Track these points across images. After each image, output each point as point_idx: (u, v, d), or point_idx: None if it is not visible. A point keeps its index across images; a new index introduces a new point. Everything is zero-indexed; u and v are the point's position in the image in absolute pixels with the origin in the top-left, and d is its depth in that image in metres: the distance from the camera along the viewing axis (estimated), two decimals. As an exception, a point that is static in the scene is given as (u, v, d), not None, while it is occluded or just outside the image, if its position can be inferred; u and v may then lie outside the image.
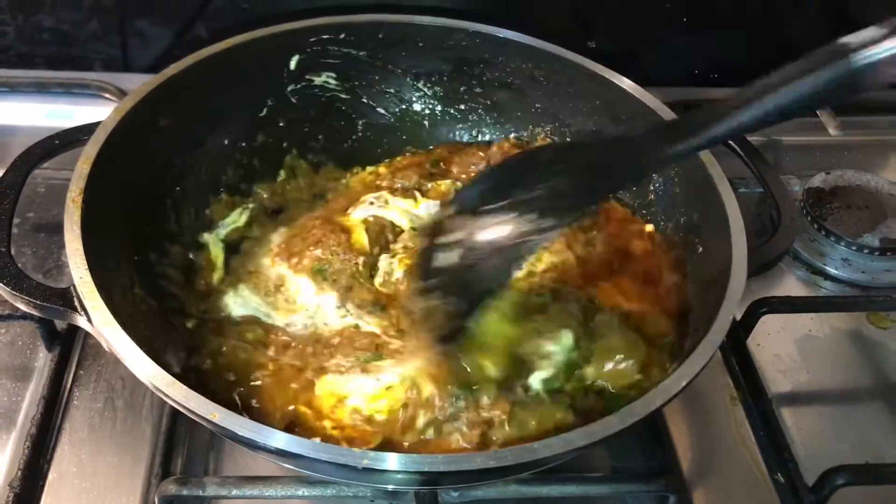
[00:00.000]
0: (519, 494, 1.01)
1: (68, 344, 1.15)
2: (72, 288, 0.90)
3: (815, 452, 1.14)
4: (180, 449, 1.07)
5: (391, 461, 0.78)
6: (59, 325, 1.16)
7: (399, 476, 0.79)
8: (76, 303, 0.89)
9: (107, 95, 1.49)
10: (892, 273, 1.38)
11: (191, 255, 1.18)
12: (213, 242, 1.20)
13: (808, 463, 1.10)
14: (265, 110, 1.29)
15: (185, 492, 0.97)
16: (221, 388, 1.01)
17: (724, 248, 1.01)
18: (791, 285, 1.39)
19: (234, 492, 0.98)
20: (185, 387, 0.82)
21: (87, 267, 0.90)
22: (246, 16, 1.51)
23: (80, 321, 0.89)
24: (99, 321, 0.86)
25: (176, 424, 1.08)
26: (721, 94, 1.57)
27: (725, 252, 1.00)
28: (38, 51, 1.57)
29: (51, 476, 1.03)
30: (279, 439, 0.79)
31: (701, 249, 1.10)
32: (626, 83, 1.21)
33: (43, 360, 1.14)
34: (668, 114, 1.17)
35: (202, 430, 1.08)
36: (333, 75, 1.31)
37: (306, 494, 0.98)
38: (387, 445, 0.96)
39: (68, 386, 1.12)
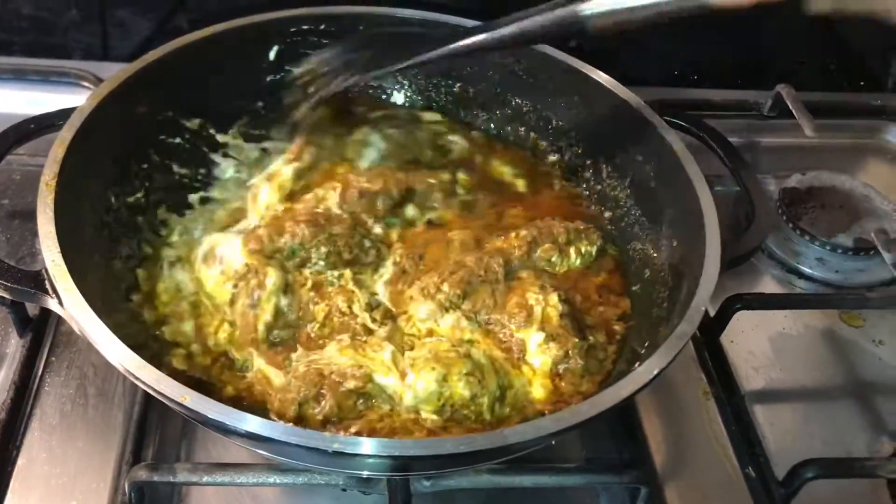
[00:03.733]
0: (492, 484, 1.01)
1: (40, 330, 1.14)
2: (43, 271, 0.89)
3: (787, 447, 1.14)
4: (152, 437, 1.06)
5: (362, 445, 0.78)
6: (32, 310, 1.15)
7: (369, 461, 0.79)
8: (48, 285, 0.88)
9: (85, 84, 1.48)
10: (865, 273, 1.39)
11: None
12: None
13: (779, 458, 1.11)
14: (243, 99, 1.29)
15: (155, 478, 0.96)
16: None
17: (698, 241, 1.01)
18: (766, 284, 1.40)
19: (206, 478, 0.97)
20: (155, 370, 0.81)
21: (59, 250, 0.89)
22: (228, 6, 1.49)
23: (52, 304, 0.89)
24: (70, 304, 0.86)
25: (148, 412, 1.07)
26: (699, 94, 1.65)
27: (699, 245, 1.00)
28: (16, 38, 1.56)
29: (20, 462, 1.02)
30: (249, 422, 0.78)
31: (675, 244, 1.10)
32: (603, 78, 1.22)
33: (14, 346, 1.13)
34: (645, 108, 1.18)
35: (174, 418, 1.08)
36: None
37: (278, 482, 0.98)
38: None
39: (40, 372, 1.11)
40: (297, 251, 1.11)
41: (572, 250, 1.17)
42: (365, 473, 0.94)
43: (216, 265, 1.11)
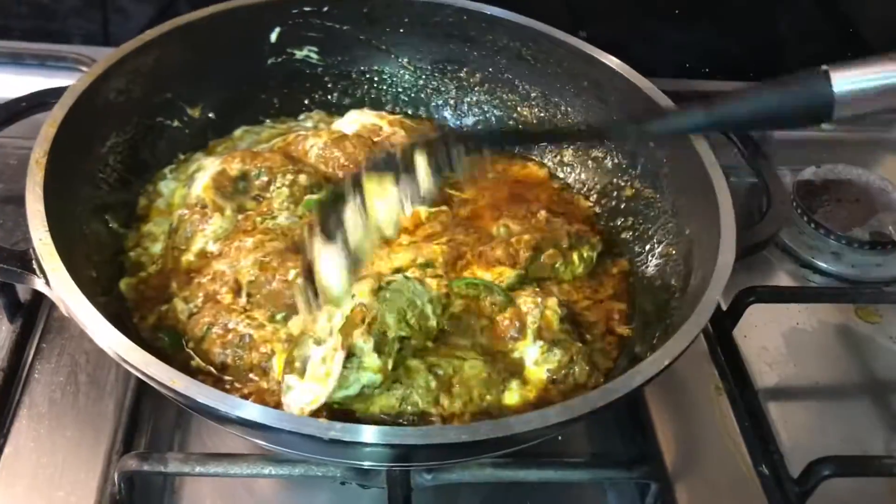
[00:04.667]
0: (495, 478, 0.97)
1: (31, 316, 1.11)
2: (31, 250, 0.86)
3: (801, 445, 1.11)
4: (144, 427, 1.03)
5: (359, 433, 0.74)
6: (23, 295, 1.12)
7: (367, 450, 0.75)
8: (35, 265, 0.85)
9: (83, 68, 1.44)
10: (881, 267, 1.36)
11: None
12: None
13: (793, 455, 1.07)
14: (243, 82, 1.26)
15: (146, 467, 0.93)
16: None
17: (712, 230, 0.98)
18: (780, 278, 1.37)
19: (198, 468, 0.94)
20: (145, 353, 0.78)
21: (46, 228, 0.86)
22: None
23: (38, 283, 0.86)
24: (58, 284, 0.83)
25: (141, 401, 1.03)
26: (711, 86, 1.61)
27: (713, 234, 0.97)
28: (15, 24, 1.54)
29: (6, 450, 0.99)
30: (242, 408, 0.75)
31: (688, 231, 1.07)
32: (613, 62, 1.19)
33: (4, 331, 1.10)
34: (654, 91, 1.14)
35: (168, 407, 1.05)
36: (315, 49, 1.28)
37: (273, 473, 0.94)
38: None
39: (30, 359, 1.08)
40: (262, 174, 1.12)
41: (575, 255, 1.13)
42: (366, 464, 0.90)
43: (186, 188, 1.13)
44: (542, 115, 1.29)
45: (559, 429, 0.79)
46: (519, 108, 1.31)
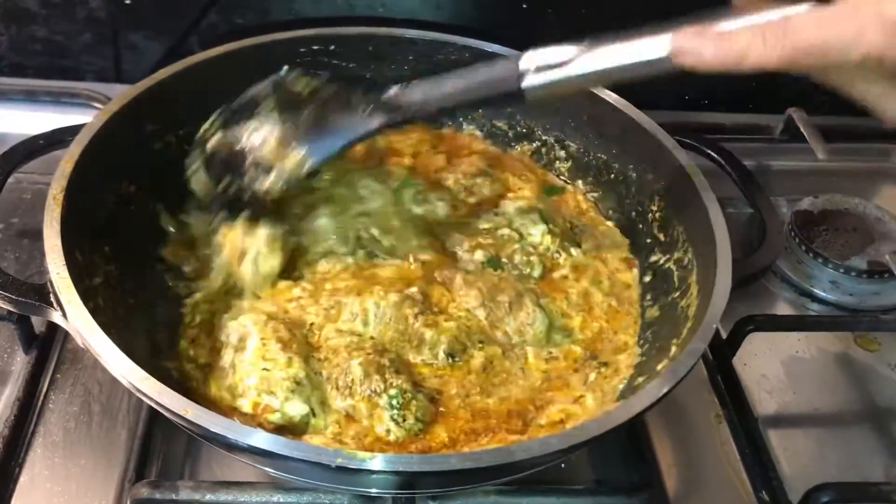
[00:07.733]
0: (498, 506, 0.99)
1: (46, 347, 1.13)
2: (48, 283, 0.89)
3: (801, 472, 1.12)
4: (156, 455, 1.05)
5: (365, 461, 0.76)
6: (38, 327, 1.14)
7: (373, 477, 0.77)
8: (52, 298, 0.88)
9: (96, 105, 1.48)
10: (879, 296, 1.37)
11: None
12: None
13: (793, 483, 1.09)
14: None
15: (157, 495, 0.95)
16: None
17: (708, 258, 1.00)
18: (779, 307, 1.38)
19: (209, 496, 0.95)
20: (158, 382, 0.81)
21: (63, 262, 0.89)
22: (239, 31, 1.51)
23: (55, 316, 0.88)
24: (74, 316, 0.85)
25: (152, 430, 1.05)
26: (710, 118, 1.64)
27: (710, 262, 0.99)
28: (30, 62, 1.58)
29: (22, 479, 1.01)
30: (252, 437, 0.77)
31: (685, 261, 1.09)
32: (612, 97, 1.22)
33: (20, 363, 1.12)
34: (652, 126, 1.17)
35: (179, 436, 1.07)
36: None
37: (282, 501, 0.96)
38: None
39: (44, 389, 1.10)
40: None
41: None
42: (373, 491, 0.92)
43: None
44: (539, 149, 1.33)
45: (560, 455, 0.81)
46: (517, 143, 1.34)
